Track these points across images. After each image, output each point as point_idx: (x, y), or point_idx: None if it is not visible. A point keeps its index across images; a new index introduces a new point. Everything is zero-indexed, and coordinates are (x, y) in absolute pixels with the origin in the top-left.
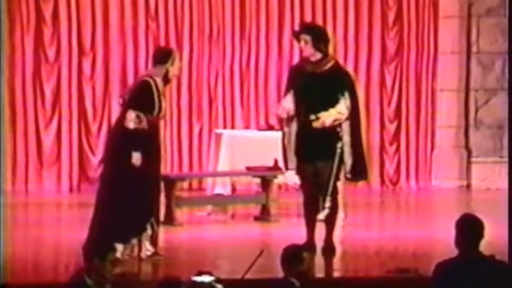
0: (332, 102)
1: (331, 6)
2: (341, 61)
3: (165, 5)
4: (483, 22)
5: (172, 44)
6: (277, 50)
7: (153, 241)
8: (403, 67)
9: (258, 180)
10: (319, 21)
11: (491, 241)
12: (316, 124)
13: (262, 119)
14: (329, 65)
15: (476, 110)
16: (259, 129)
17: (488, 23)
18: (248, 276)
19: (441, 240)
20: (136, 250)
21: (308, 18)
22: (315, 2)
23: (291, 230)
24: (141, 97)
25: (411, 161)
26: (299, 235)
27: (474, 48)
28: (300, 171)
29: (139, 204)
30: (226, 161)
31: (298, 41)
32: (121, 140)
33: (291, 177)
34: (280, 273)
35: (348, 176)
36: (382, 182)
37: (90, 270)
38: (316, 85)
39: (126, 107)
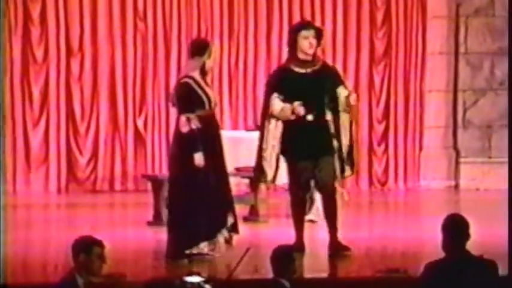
0: (331, 99)
1: (319, 7)
2: (330, 61)
3: (153, 5)
4: (471, 22)
5: (160, 45)
6: (265, 50)
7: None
8: (391, 67)
9: (246, 180)
10: None
11: (480, 241)
12: (352, 100)
13: (251, 119)
14: (319, 64)
15: (465, 111)
16: (248, 129)
17: (476, 24)
18: (238, 276)
19: (430, 240)
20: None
21: (296, 19)
22: (303, 3)
23: (280, 230)
24: (185, 99)
25: (399, 161)
26: (288, 235)
27: (462, 49)
28: (295, 170)
29: (215, 200)
30: None
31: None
32: (180, 145)
33: (281, 178)
34: (270, 274)
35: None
36: (371, 182)
37: (79, 268)
38: (310, 84)
39: (178, 111)
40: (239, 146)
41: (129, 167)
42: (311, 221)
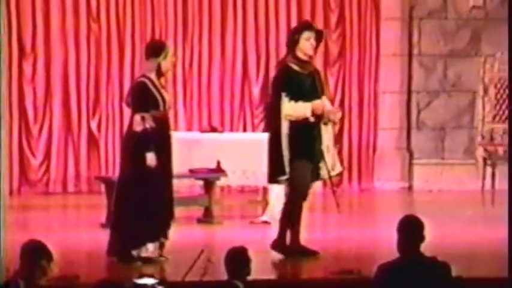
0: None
1: (273, 9)
2: None
3: (106, 6)
4: (424, 24)
5: (114, 46)
6: (220, 51)
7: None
8: (345, 69)
9: (200, 182)
10: (262, 23)
11: (433, 242)
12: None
13: (205, 121)
14: (313, 66)
15: (418, 112)
16: (202, 131)
17: (429, 25)
18: (192, 278)
19: (384, 241)
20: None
21: (251, 20)
22: (258, 4)
23: (234, 232)
24: (140, 98)
25: (354, 162)
26: (242, 237)
27: (416, 51)
28: (298, 171)
29: (163, 201)
30: None
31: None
32: (133, 144)
33: (236, 180)
34: (224, 276)
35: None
36: (325, 183)
37: (22, 273)
38: (311, 84)
39: (132, 110)
40: (193, 148)
41: (82, 168)
42: (265, 222)
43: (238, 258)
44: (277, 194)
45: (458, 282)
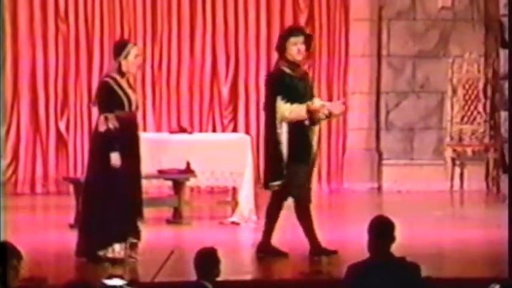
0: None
1: (242, 8)
2: (253, 62)
3: (75, 6)
4: (393, 25)
5: (82, 46)
6: (189, 51)
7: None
8: (314, 70)
9: (170, 183)
10: (231, 23)
11: (402, 243)
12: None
13: (174, 121)
14: (303, 68)
15: (387, 113)
16: (171, 131)
17: (398, 26)
18: (161, 279)
19: (353, 242)
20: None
21: (220, 19)
22: (227, 4)
23: (203, 232)
24: (104, 98)
25: (323, 163)
26: (212, 238)
27: (384, 51)
28: (294, 174)
29: (129, 202)
30: None
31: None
32: (97, 144)
33: (205, 181)
34: (194, 276)
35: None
36: None
37: None
38: (304, 87)
39: (98, 111)
40: (162, 149)
41: (50, 169)
42: (234, 223)
43: (207, 259)
44: (247, 194)
45: (428, 282)
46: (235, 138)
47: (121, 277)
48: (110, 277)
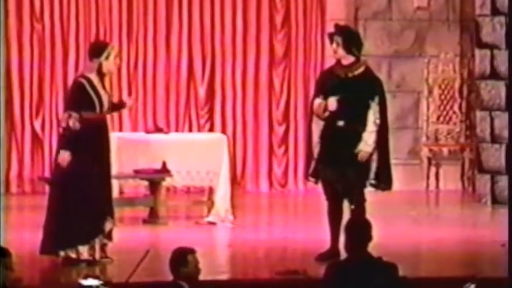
0: (361, 107)
1: (219, 8)
2: (229, 62)
3: (50, 6)
4: (369, 26)
5: (58, 46)
6: (165, 51)
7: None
8: (291, 70)
9: (146, 183)
10: (207, 23)
11: (378, 242)
12: (363, 156)
13: (150, 121)
14: (361, 70)
15: None
16: (147, 131)
17: (374, 27)
18: (137, 279)
19: (329, 242)
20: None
21: (196, 20)
22: (203, 3)
23: (179, 232)
24: (73, 97)
25: (299, 163)
26: (187, 237)
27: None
28: (324, 176)
29: (95, 204)
30: (113, 163)
31: (332, 42)
32: (59, 144)
33: (181, 180)
34: (170, 276)
35: (372, 182)
36: (271, 184)
37: None
38: (347, 89)
39: (64, 108)
40: (138, 148)
41: (25, 169)
42: (210, 223)
43: (183, 259)
44: (223, 194)
45: (404, 282)
46: (212, 138)
47: (97, 277)
48: (86, 277)
